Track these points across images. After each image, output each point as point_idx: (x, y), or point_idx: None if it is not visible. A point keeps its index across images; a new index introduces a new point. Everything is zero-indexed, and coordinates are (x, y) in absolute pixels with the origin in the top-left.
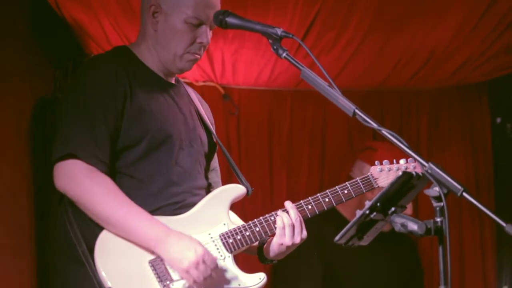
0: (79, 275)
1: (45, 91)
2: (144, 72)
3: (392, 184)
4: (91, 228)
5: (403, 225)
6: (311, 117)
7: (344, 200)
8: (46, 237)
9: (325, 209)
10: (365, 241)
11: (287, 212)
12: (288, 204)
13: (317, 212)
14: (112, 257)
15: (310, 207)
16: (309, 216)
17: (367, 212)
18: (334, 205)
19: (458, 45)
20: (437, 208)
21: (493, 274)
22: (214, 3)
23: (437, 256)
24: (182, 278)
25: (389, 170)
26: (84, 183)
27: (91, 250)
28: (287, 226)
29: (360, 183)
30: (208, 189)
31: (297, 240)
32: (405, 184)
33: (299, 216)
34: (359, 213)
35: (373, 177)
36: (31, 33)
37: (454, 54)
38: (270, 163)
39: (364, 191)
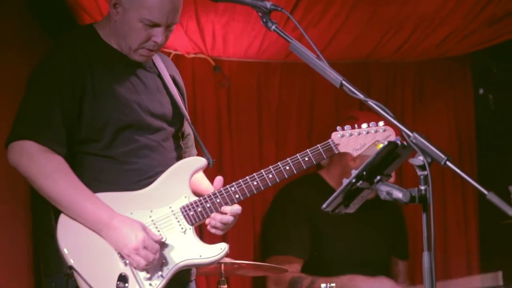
0: (55, 245)
1: None
2: (108, 53)
3: (378, 153)
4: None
5: (388, 193)
6: (299, 89)
7: (305, 167)
8: (33, 212)
9: (286, 176)
10: (351, 208)
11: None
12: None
13: (278, 180)
14: (74, 234)
15: (270, 176)
16: (270, 185)
17: (354, 180)
18: (295, 172)
19: (442, 18)
20: (421, 177)
21: (475, 240)
22: (172, 7)
23: (421, 223)
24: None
25: (350, 135)
26: (34, 159)
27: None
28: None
29: (320, 149)
30: (181, 156)
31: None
32: (391, 153)
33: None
34: (345, 181)
35: (334, 142)
36: (27, 5)
37: (439, 27)
38: (259, 133)
39: (325, 157)
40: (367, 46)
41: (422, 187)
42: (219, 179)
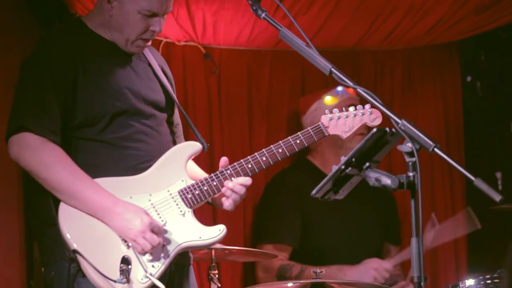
0: (53, 234)
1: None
2: (99, 44)
3: (367, 140)
4: None
5: (377, 179)
6: (289, 76)
7: (297, 149)
8: (30, 200)
9: (279, 159)
10: (341, 195)
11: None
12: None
13: (271, 163)
14: (75, 220)
15: (264, 158)
16: (264, 167)
17: (343, 167)
18: (288, 154)
19: (430, 5)
20: (410, 163)
21: None
22: None
23: (409, 209)
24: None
25: (339, 118)
26: (35, 152)
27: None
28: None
29: (311, 132)
30: (176, 141)
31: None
32: (379, 140)
33: (240, 189)
34: (335, 168)
35: (323, 125)
36: None
37: (426, 14)
38: (250, 120)
39: (316, 139)
40: (356, 34)
41: (411, 174)
42: (224, 160)
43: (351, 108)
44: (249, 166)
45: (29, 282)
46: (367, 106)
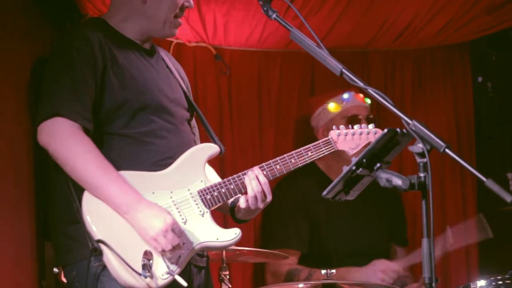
0: (75, 233)
1: (43, 50)
2: (121, 40)
3: (378, 141)
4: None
5: (388, 180)
6: (299, 77)
7: (308, 161)
8: (47, 197)
9: (292, 169)
10: (351, 195)
11: (256, 178)
12: (256, 170)
13: (285, 172)
14: (99, 210)
15: (278, 167)
16: (277, 175)
17: (354, 168)
18: (299, 165)
19: (441, 6)
20: (421, 164)
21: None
22: None
23: (420, 210)
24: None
25: (346, 135)
26: (66, 140)
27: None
28: (257, 193)
29: (321, 145)
30: (195, 143)
31: (262, 205)
32: (390, 141)
33: (266, 182)
34: (345, 169)
35: (333, 140)
36: None
37: (437, 15)
38: (260, 121)
39: (326, 153)
40: (366, 34)
41: (422, 174)
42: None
43: (356, 126)
44: (264, 173)
45: (40, 283)
46: (371, 126)
